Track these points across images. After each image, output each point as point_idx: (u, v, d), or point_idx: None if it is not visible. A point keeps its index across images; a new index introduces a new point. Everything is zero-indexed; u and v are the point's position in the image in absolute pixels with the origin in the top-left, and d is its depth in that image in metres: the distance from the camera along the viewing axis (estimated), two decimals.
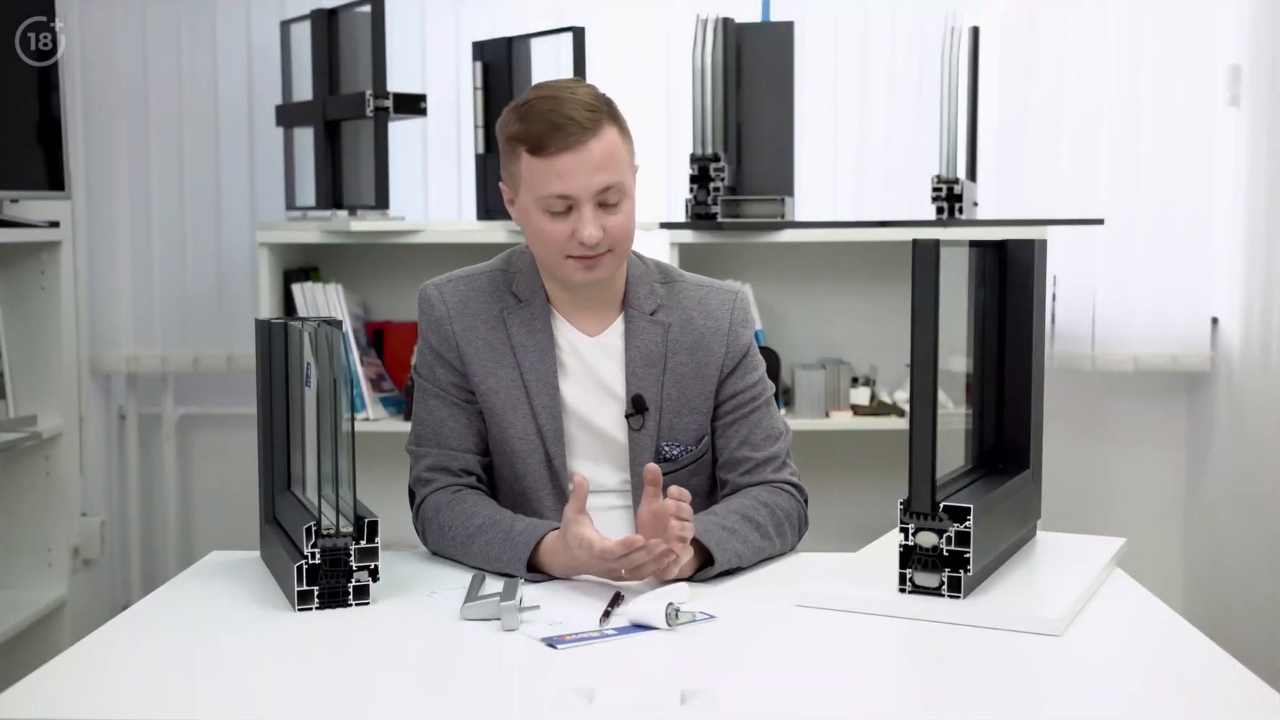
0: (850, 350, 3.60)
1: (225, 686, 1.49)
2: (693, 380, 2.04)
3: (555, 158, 1.89)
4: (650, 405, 2.02)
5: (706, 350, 2.05)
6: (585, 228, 1.90)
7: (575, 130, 1.88)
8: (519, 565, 1.85)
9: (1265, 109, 3.37)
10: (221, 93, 3.68)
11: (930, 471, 1.66)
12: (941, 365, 1.71)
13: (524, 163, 1.92)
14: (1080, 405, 3.72)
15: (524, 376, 2.00)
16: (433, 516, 1.99)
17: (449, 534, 1.95)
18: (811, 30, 3.61)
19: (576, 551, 1.79)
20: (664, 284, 2.08)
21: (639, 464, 2.00)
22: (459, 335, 2.02)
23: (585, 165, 1.90)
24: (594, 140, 1.90)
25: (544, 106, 1.90)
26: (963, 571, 1.66)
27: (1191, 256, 3.62)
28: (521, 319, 2.02)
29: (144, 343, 3.73)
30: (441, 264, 3.51)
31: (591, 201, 1.91)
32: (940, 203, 3.32)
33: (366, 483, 1.86)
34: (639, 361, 2.02)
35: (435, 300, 2.05)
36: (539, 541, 1.85)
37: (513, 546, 1.86)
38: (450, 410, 2.03)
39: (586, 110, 1.90)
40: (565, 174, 1.89)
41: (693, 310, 2.06)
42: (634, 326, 2.03)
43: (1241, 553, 3.43)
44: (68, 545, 3.23)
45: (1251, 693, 1.44)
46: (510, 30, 3.44)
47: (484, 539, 1.90)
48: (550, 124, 1.88)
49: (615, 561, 1.76)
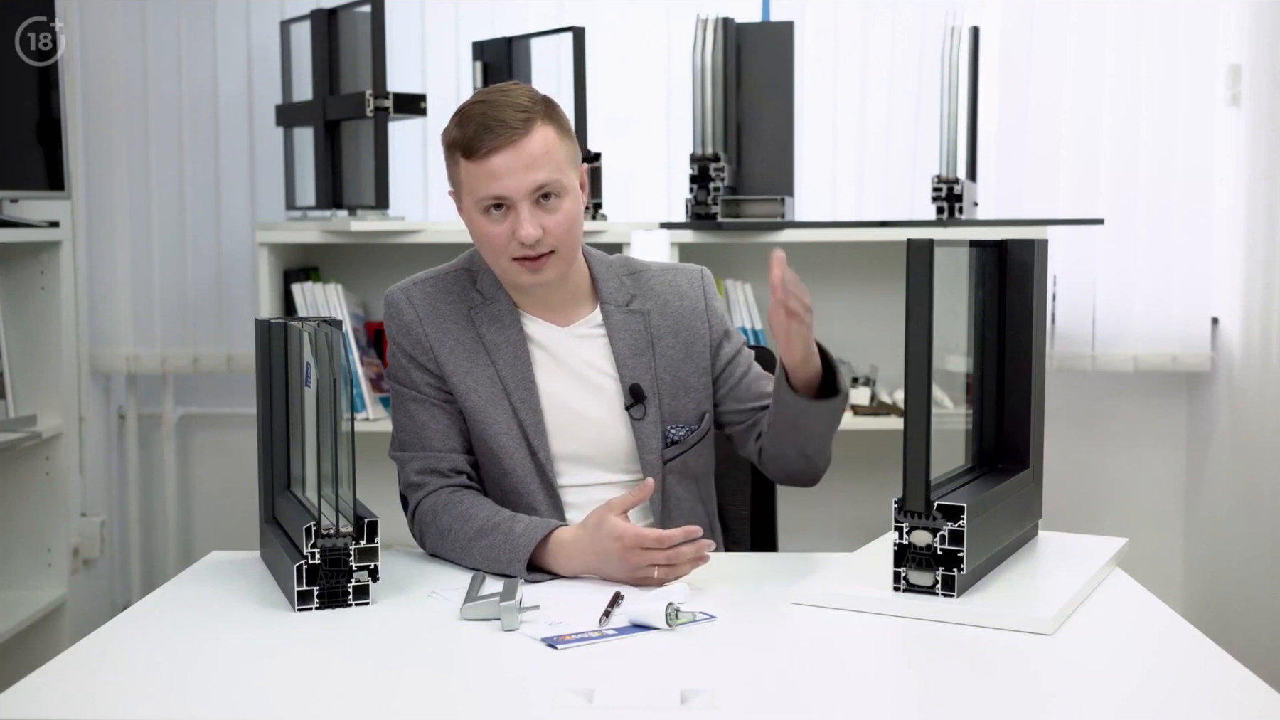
0: (850, 350, 3.60)
1: (225, 686, 1.50)
2: (683, 361, 2.07)
3: (488, 160, 1.91)
4: (648, 393, 2.03)
5: (690, 330, 2.08)
6: (523, 227, 1.92)
7: (504, 132, 1.91)
8: (519, 567, 1.85)
9: (1265, 109, 3.37)
10: (221, 93, 3.68)
11: (924, 470, 1.67)
12: (941, 365, 1.71)
13: (461, 167, 1.95)
14: (1080, 405, 3.72)
15: (500, 373, 2.01)
16: (430, 521, 1.99)
17: (449, 537, 1.95)
18: (811, 30, 3.61)
19: (608, 543, 1.80)
20: (629, 275, 2.11)
21: (649, 452, 2.03)
22: (431, 337, 2.03)
23: (517, 165, 1.91)
24: (524, 140, 1.91)
25: (476, 111, 1.93)
26: (956, 570, 1.66)
27: (1191, 256, 3.62)
28: (489, 316, 2.04)
29: (144, 342, 3.73)
30: (441, 264, 3.54)
31: (527, 200, 1.92)
32: (940, 203, 3.32)
33: (366, 483, 1.86)
34: (626, 353, 2.04)
35: (402, 304, 2.05)
36: (543, 540, 1.86)
37: (513, 548, 1.87)
38: (431, 413, 2.03)
39: (518, 111, 1.92)
40: (499, 174, 1.91)
41: (665, 294, 2.09)
42: (612, 320, 2.05)
43: (1241, 553, 3.43)
44: (67, 545, 3.23)
45: (1251, 693, 1.44)
46: (510, 30, 3.44)
47: (484, 542, 1.90)
48: (481, 126, 1.91)
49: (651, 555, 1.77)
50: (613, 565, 1.81)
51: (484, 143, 1.91)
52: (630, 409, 2.03)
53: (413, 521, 2.03)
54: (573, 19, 3.36)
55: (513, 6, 3.60)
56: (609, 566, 1.82)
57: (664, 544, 1.78)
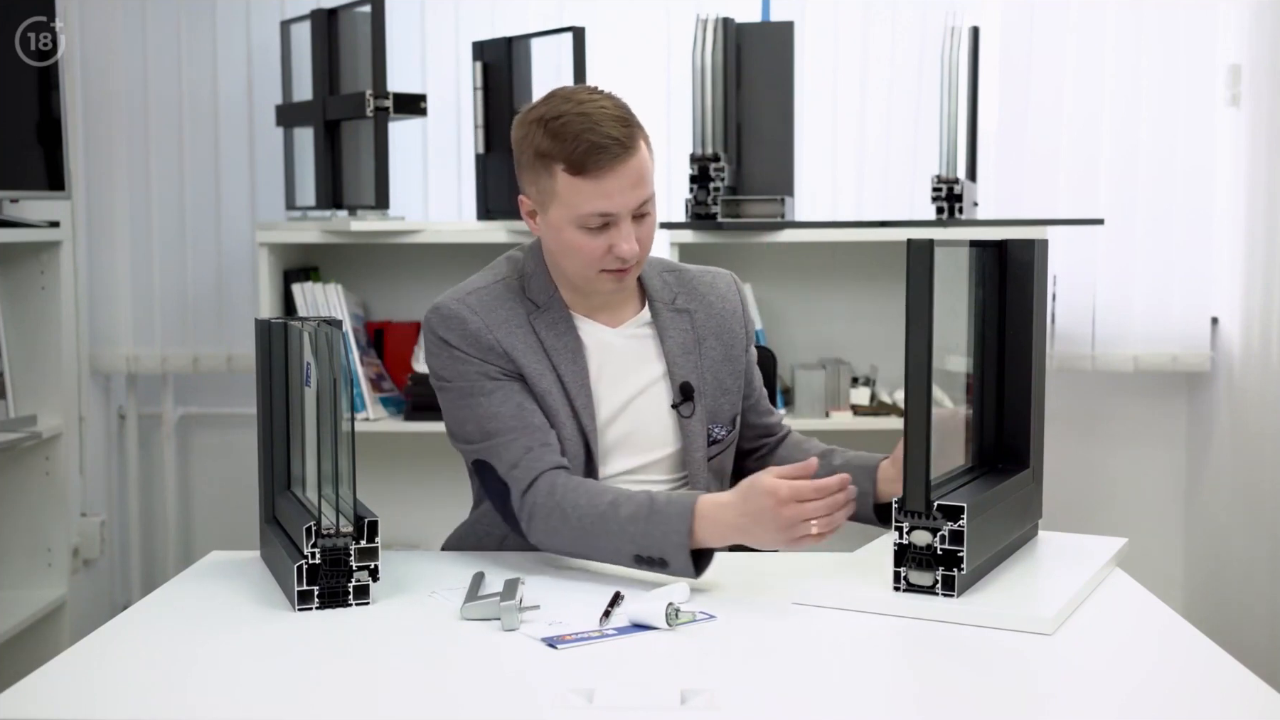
0: (850, 350, 3.61)
1: (225, 686, 1.50)
2: (723, 363, 2.08)
3: (599, 178, 1.87)
4: (696, 392, 2.03)
5: (731, 334, 2.10)
6: (626, 243, 1.90)
7: (618, 150, 1.86)
8: (678, 542, 1.77)
9: (1265, 109, 3.37)
10: (221, 93, 3.68)
11: (925, 470, 1.67)
12: (941, 365, 1.71)
13: (560, 181, 1.89)
14: (1080, 405, 3.72)
15: (562, 379, 1.97)
16: (547, 500, 1.87)
17: (572, 516, 1.85)
18: (811, 30, 3.61)
19: (762, 500, 1.73)
20: (669, 272, 2.11)
21: (695, 450, 2.03)
22: (504, 342, 1.95)
23: (627, 183, 1.88)
24: (633, 157, 1.88)
25: (579, 126, 1.86)
26: (956, 570, 1.66)
27: (1191, 256, 3.62)
28: (546, 322, 1.98)
29: (144, 342, 3.73)
30: (442, 264, 3.55)
31: (629, 217, 1.90)
32: (940, 203, 3.32)
33: (366, 483, 1.86)
34: (676, 351, 2.04)
35: (465, 315, 1.96)
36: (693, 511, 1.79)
37: (665, 520, 1.78)
38: (523, 395, 1.95)
39: (623, 126, 1.88)
40: (610, 193, 1.87)
41: (708, 295, 2.10)
42: (662, 318, 2.05)
43: (1241, 553, 3.43)
44: (67, 545, 3.23)
45: (1251, 693, 1.44)
46: (510, 30, 3.44)
47: (623, 514, 1.81)
48: (591, 144, 1.85)
49: (808, 507, 1.71)
50: (766, 526, 1.74)
51: (596, 161, 1.85)
52: (679, 407, 2.02)
53: (522, 506, 1.90)
54: (573, 19, 3.36)
55: (513, 6, 3.60)
56: (762, 528, 1.75)
57: (822, 493, 1.72)
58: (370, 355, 3.52)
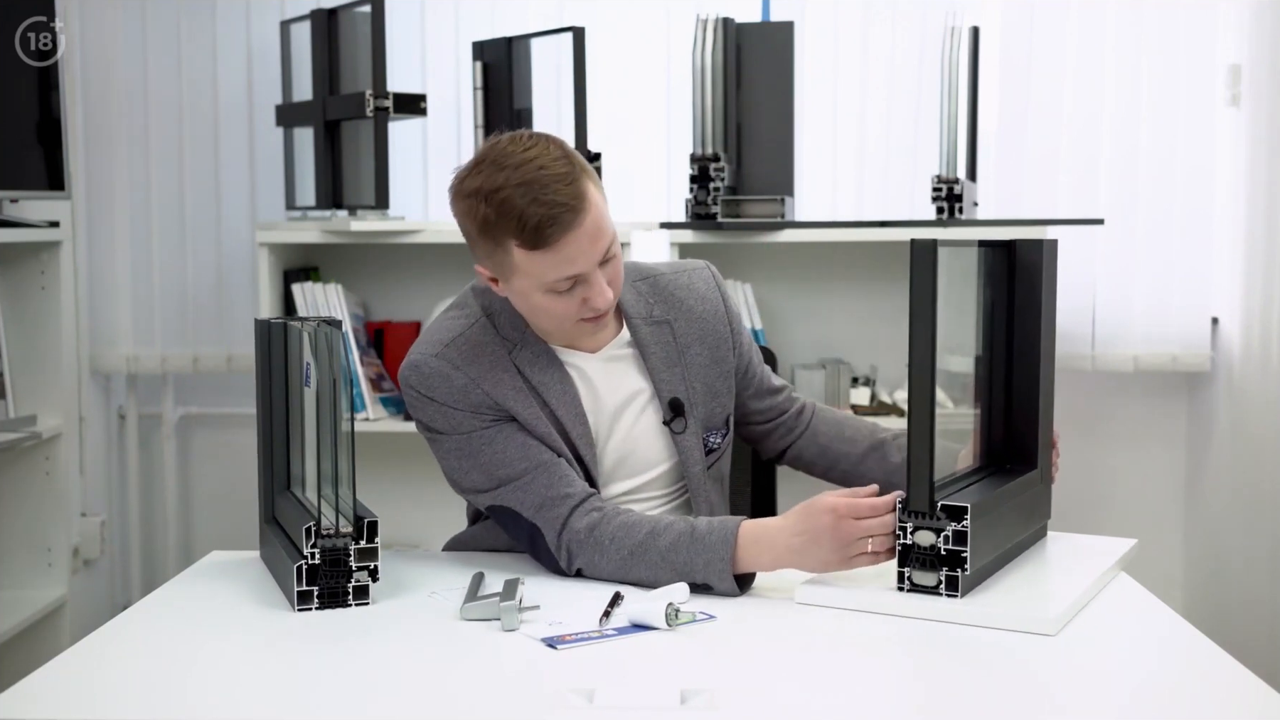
0: (850, 350, 3.60)
1: (225, 686, 1.50)
2: (711, 366, 2.03)
3: (558, 248, 1.78)
4: (685, 405, 1.99)
5: (715, 335, 2.04)
6: (598, 298, 1.83)
7: (569, 217, 1.77)
8: (721, 568, 1.75)
9: (1265, 109, 3.37)
10: (221, 93, 3.68)
11: (928, 471, 1.66)
12: (946, 365, 1.70)
13: (517, 255, 1.79)
14: (1080, 405, 3.72)
15: (555, 414, 1.92)
16: (586, 537, 1.84)
17: (611, 549, 1.82)
18: (811, 30, 3.61)
19: (821, 519, 1.71)
20: (642, 281, 2.04)
21: (693, 464, 2.00)
22: (492, 393, 1.89)
23: (586, 242, 1.79)
24: (587, 216, 1.78)
25: (522, 199, 1.76)
26: (960, 570, 1.66)
27: (1191, 256, 3.62)
28: (527, 359, 1.92)
29: (144, 343, 3.73)
30: (442, 264, 3.55)
31: (597, 269, 1.83)
32: (940, 203, 3.32)
33: (366, 483, 1.86)
34: (660, 367, 1.99)
35: (448, 371, 1.89)
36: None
37: (707, 547, 1.76)
38: (524, 433, 1.89)
39: (565, 184, 1.77)
40: (573, 258, 1.79)
41: (686, 299, 2.04)
42: (640, 335, 2.00)
43: (1241, 553, 3.43)
44: (68, 545, 3.23)
45: (1252, 693, 1.44)
46: (510, 30, 3.44)
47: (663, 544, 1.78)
48: (541, 216, 1.75)
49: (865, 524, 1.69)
50: (823, 545, 1.72)
51: (551, 233, 1.76)
52: (670, 423, 1.99)
53: (559, 544, 1.85)
54: (573, 19, 3.36)
55: (513, 6, 3.60)
56: (819, 548, 1.72)
57: (878, 512, 1.70)
58: (370, 355, 3.52)
